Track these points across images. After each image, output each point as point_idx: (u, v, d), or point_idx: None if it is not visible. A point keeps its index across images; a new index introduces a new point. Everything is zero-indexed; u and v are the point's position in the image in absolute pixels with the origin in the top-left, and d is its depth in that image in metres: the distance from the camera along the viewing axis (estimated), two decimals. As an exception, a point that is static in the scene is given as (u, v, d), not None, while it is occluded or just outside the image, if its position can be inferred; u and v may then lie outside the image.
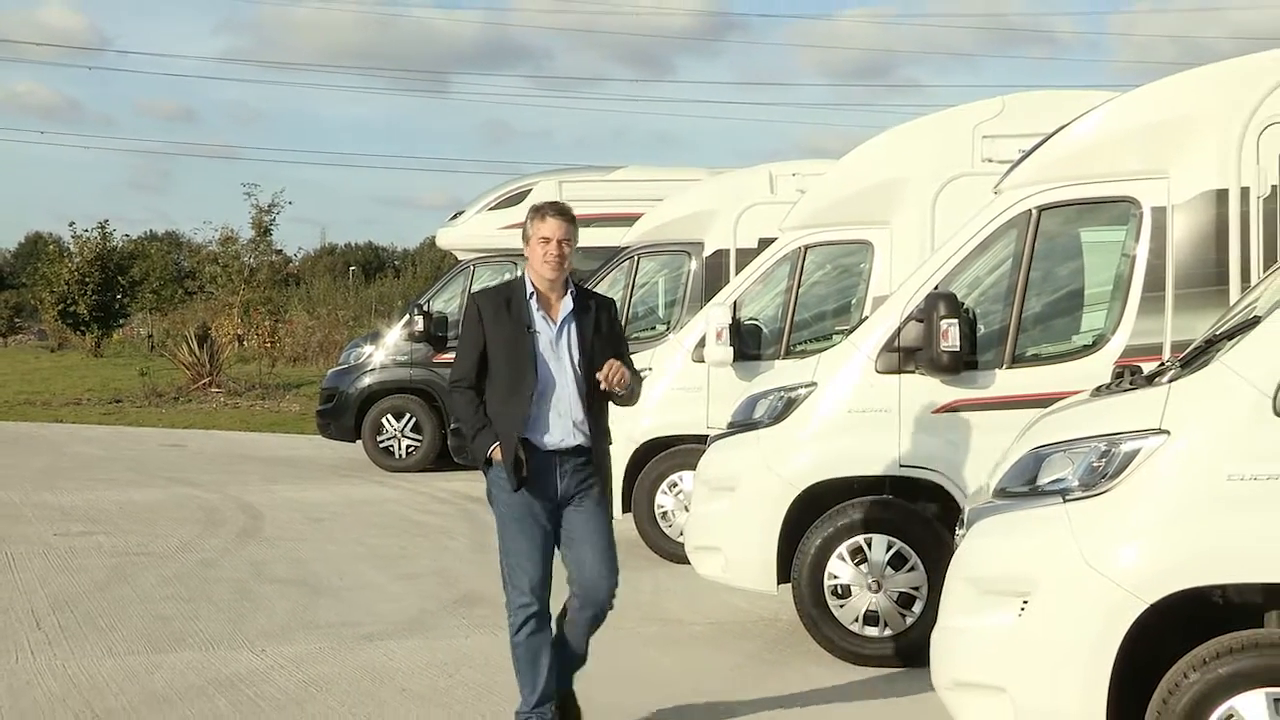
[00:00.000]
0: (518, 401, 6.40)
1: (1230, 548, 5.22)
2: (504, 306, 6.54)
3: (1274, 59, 8.30)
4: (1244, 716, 5.14)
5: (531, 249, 6.58)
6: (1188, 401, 5.36)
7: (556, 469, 6.46)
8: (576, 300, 6.60)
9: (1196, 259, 8.21)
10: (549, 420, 6.45)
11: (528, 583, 6.41)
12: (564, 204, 6.74)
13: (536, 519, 6.46)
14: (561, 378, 6.47)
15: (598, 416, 6.57)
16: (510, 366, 6.45)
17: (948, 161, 10.38)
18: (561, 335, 6.51)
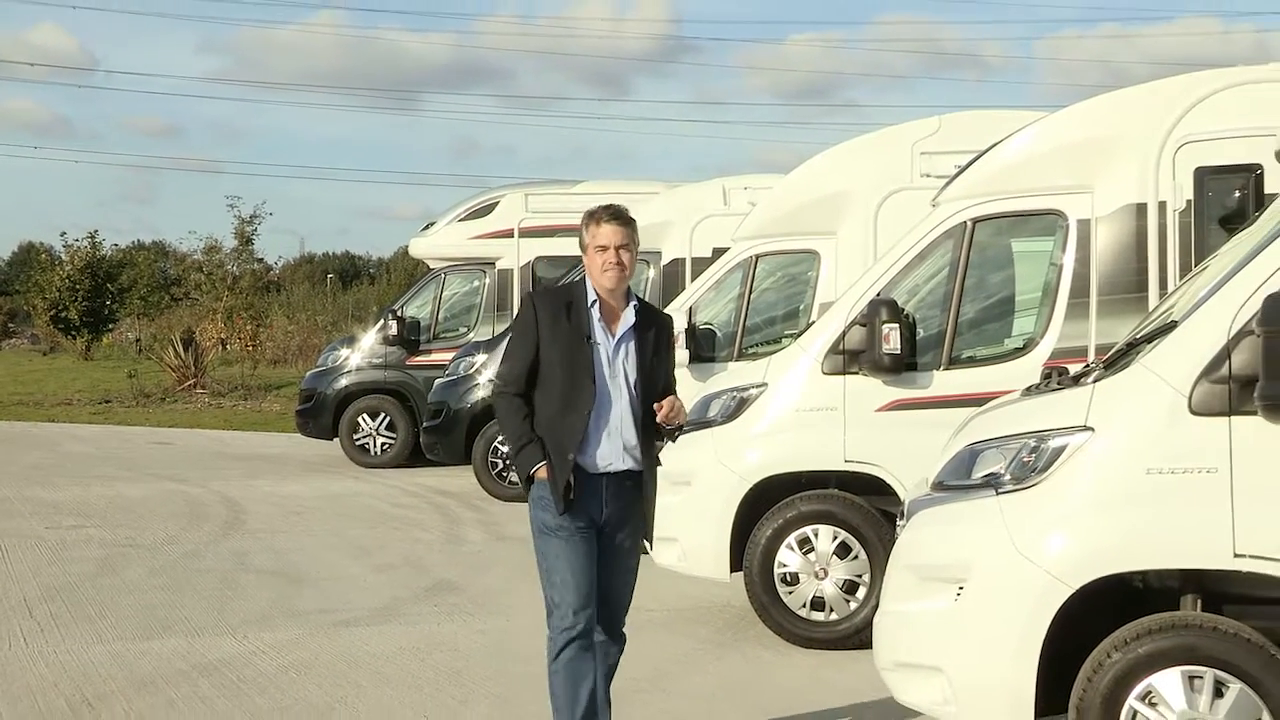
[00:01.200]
0: (573, 418, 5.61)
1: (1149, 536, 5.26)
2: (564, 311, 5.69)
3: (1188, 83, 8.39)
4: (1161, 692, 5.20)
5: (589, 258, 5.75)
6: (1110, 400, 5.40)
7: (603, 492, 5.68)
8: (639, 314, 5.78)
9: (1118, 268, 8.28)
10: (600, 441, 5.65)
11: (572, 603, 5.63)
12: (621, 207, 5.81)
13: (581, 540, 5.67)
14: (617, 396, 5.66)
15: (649, 441, 5.78)
16: (567, 378, 5.62)
17: (889, 176, 10.42)
18: (619, 351, 5.70)
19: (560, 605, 5.67)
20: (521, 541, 12.20)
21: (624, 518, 5.76)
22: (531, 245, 17.92)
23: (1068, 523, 5.34)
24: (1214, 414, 5.16)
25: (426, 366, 17.84)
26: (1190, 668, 5.18)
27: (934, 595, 5.59)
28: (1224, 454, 5.14)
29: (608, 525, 5.73)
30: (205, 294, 37.16)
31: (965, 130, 10.13)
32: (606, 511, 5.70)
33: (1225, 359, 5.16)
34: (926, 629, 5.61)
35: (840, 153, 11.23)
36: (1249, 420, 5.10)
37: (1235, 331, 5.15)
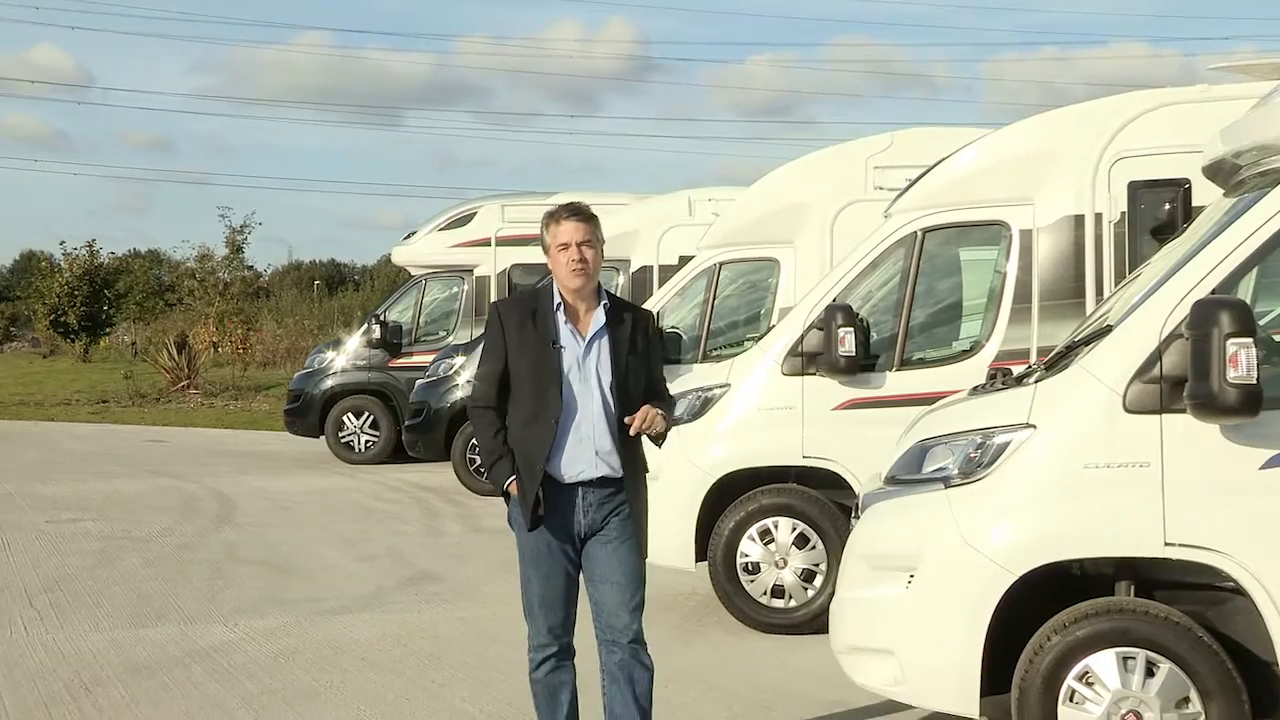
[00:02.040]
0: (541, 425, 5.11)
1: (1086, 527, 5.31)
2: (529, 318, 5.21)
3: (1122, 103, 8.45)
4: (1097, 672, 5.24)
5: (553, 259, 5.25)
6: (1051, 399, 5.43)
7: (579, 502, 5.17)
8: (610, 313, 5.24)
9: (1058, 275, 8.32)
10: (570, 449, 5.14)
11: (545, 624, 5.27)
12: (580, 204, 5.34)
13: (557, 557, 5.22)
14: (587, 401, 5.14)
15: (630, 445, 5.21)
16: (533, 387, 5.15)
17: (844, 189, 10.45)
18: (590, 352, 5.18)
19: (534, 624, 5.32)
20: (498, 534, 12.20)
21: (609, 523, 5.21)
22: (508, 253, 17.93)
23: (1011, 515, 5.37)
24: (1146, 412, 5.20)
25: (408, 368, 17.81)
26: (1124, 649, 5.23)
27: (886, 583, 5.62)
28: (1155, 449, 5.18)
29: (590, 537, 5.22)
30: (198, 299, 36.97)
31: (915, 146, 10.16)
32: (584, 522, 5.19)
33: (1157, 360, 5.20)
34: (879, 614, 5.64)
35: (798, 167, 11.26)
36: (1179, 418, 5.14)
37: (1166, 335, 5.19)
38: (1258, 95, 6.38)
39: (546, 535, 5.18)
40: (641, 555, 5.26)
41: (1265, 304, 5.97)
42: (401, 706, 6.87)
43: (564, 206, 5.33)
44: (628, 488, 5.23)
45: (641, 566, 5.26)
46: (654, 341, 5.38)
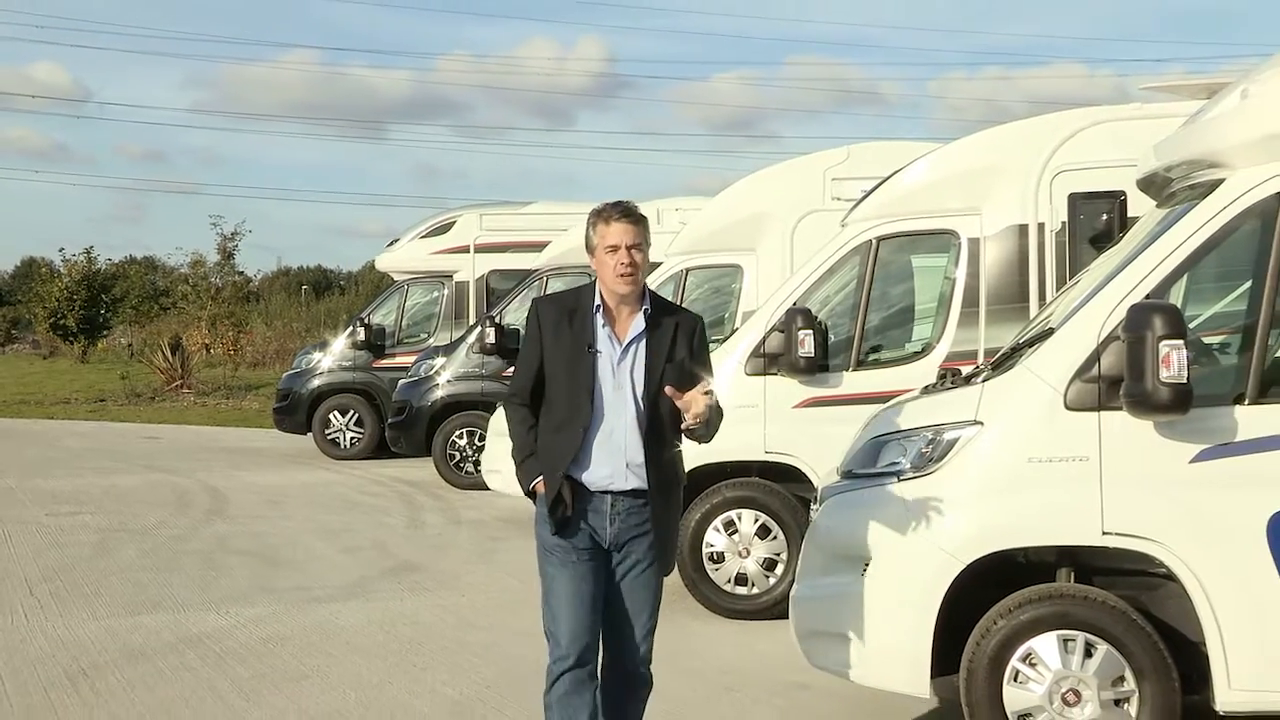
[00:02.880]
0: (569, 433, 4.66)
1: (1029, 518, 5.32)
2: (567, 318, 4.74)
3: (1061, 120, 8.51)
4: (1039, 654, 5.27)
5: (599, 260, 4.73)
6: (997, 398, 5.45)
7: (608, 511, 4.70)
8: (650, 317, 4.73)
9: (1003, 281, 8.37)
10: (600, 459, 4.68)
11: (566, 633, 4.69)
12: (631, 203, 4.79)
13: (583, 561, 4.73)
14: (620, 409, 4.66)
15: (661, 457, 4.70)
16: (566, 390, 4.69)
17: (803, 199, 10.46)
18: (626, 358, 4.69)
19: (554, 635, 4.75)
20: (477, 526, 12.24)
21: (634, 541, 4.73)
22: (486, 260, 17.92)
23: (960, 506, 5.38)
24: (1086, 409, 5.23)
25: (391, 369, 17.75)
26: (1064, 632, 5.26)
27: (843, 571, 5.62)
28: (1094, 444, 5.21)
29: (616, 549, 4.75)
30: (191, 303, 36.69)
31: (870, 159, 10.19)
32: (612, 532, 4.71)
33: (1095, 361, 5.22)
34: (836, 601, 5.63)
35: (760, 178, 11.27)
36: (1116, 415, 5.17)
37: (1104, 337, 5.22)
38: (1187, 113, 6.43)
39: (571, 540, 4.72)
40: (666, 573, 4.85)
41: (1195, 308, 6.01)
42: (385, 689, 6.85)
43: (613, 206, 4.78)
44: (655, 502, 4.71)
45: (661, 590, 4.84)
46: (698, 348, 4.76)
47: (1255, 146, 5.28)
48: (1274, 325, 5.35)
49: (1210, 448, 5.13)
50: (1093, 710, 5.22)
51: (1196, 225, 5.30)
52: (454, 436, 15.22)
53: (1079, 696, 5.23)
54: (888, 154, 9.92)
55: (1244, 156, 5.32)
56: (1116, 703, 5.22)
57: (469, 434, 15.08)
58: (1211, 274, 5.82)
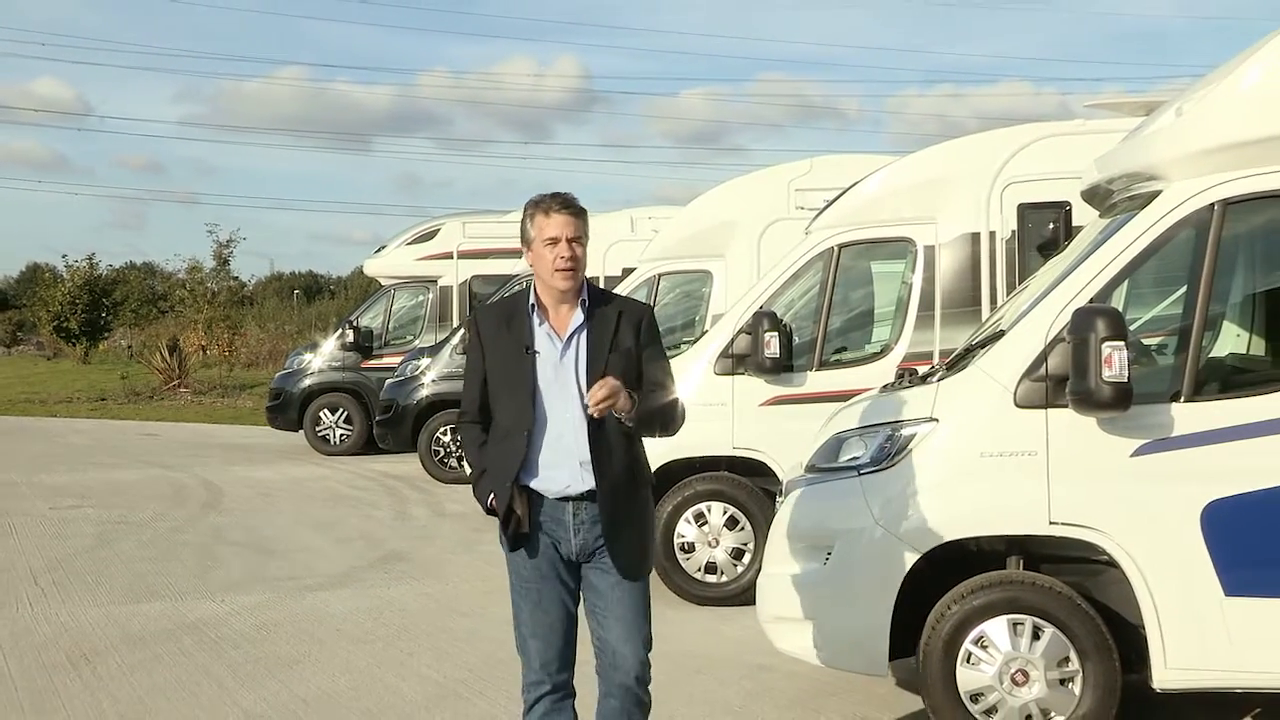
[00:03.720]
0: (514, 441, 4.20)
1: (981, 509, 5.34)
2: (504, 324, 4.30)
3: (1010, 135, 8.56)
4: (991, 637, 5.30)
5: (537, 255, 4.25)
6: (951, 396, 5.47)
7: (569, 520, 4.22)
8: (589, 309, 4.28)
9: (957, 286, 8.40)
10: (551, 463, 4.20)
11: (538, 658, 4.26)
12: (570, 195, 4.30)
13: (548, 580, 4.26)
14: (565, 408, 4.19)
15: (609, 456, 4.18)
16: (508, 397, 4.24)
17: (769, 208, 10.48)
18: (568, 354, 4.23)
19: (526, 658, 4.31)
20: (460, 518, 12.21)
21: (603, 548, 4.23)
22: (468, 265, 17.91)
23: (916, 498, 5.40)
24: (1034, 407, 5.25)
25: (378, 369, 17.71)
26: (1014, 616, 5.29)
27: (807, 560, 5.64)
28: (1042, 440, 5.23)
29: (585, 560, 4.26)
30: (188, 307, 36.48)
31: (832, 170, 10.21)
32: (576, 542, 4.22)
33: (1043, 361, 5.25)
34: (800, 588, 5.64)
35: (728, 188, 11.29)
36: (1062, 412, 5.20)
37: (1051, 339, 5.25)
38: (1127, 129, 6.49)
39: (535, 557, 4.25)
40: (635, 579, 4.28)
41: (1135, 311, 6.07)
42: (373, 673, 6.84)
43: (552, 196, 4.28)
44: (607, 504, 4.18)
45: (647, 595, 4.33)
46: (646, 336, 4.32)
47: (1189, 161, 5.32)
48: (1207, 328, 5.41)
49: (1149, 442, 5.16)
50: (1040, 689, 5.25)
51: (1136, 234, 5.34)
52: (438, 433, 15.19)
53: (1027, 676, 5.26)
54: (848, 166, 9.95)
55: (1179, 170, 5.36)
56: (1062, 682, 5.25)
57: (453, 431, 15.02)
58: (1150, 280, 5.87)
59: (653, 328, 4.36)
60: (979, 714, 5.30)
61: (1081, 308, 5.12)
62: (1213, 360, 5.69)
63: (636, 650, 4.26)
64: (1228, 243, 5.36)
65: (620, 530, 4.23)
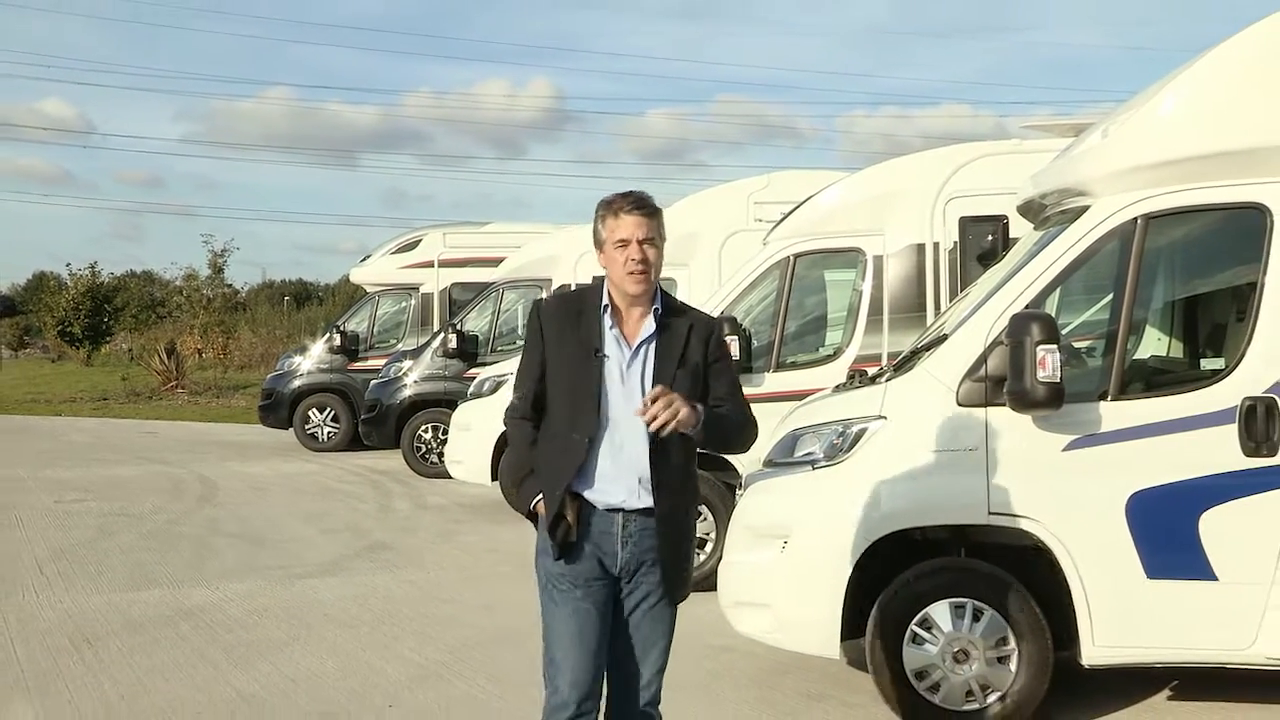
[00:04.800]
0: (572, 446, 3.68)
1: (925, 501, 5.37)
2: (572, 320, 3.77)
3: (952, 153, 8.63)
4: (934, 619, 5.33)
5: (608, 257, 3.77)
6: (899, 396, 5.48)
7: (619, 533, 3.72)
8: (660, 318, 3.78)
9: (904, 293, 8.45)
10: (607, 474, 3.69)
11: (567, 677, 3.69)
12: (644, 193, 3.81)
13: (587, 597, 3.73)
14: (629, 419, 3.65)
15: (668, 474, 3.69)
16: (569, 399, 3.72)
17: (730, 220, 10.52)
18: (635, 363, 3.72)
19: (553, 679, 3.75)
20: (440, 510, 12.18)
21: (647, 568, 3.76)
22: (448, 274, 17.85)
23: (866, 491, 5.40)
24: (975, 405, 5.28)
25: (364, 370, 17.62)
26: (956, 599, 5.32)
27: (765, 548, 5.63)
28: (981, 436, 5.25)
29: (627, 576, 3.77)
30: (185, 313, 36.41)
31: (788, 185, 10.25)
32: (624, 556, 3.73)
33: (983, 363, 5.27)
34: (758, 575, 5.64)
35: (692, 202, 11.29)
36: (1000, 410, 5.22)
37: (990, 342, 5.28)
38: (1058, 149, 6.54)
39: (575, 567, 3.74)
40: (676, 602, 3.89)
41: (1067, 317, 6.10)
42: (359, 656, 6.80)
43: (624, 196, 3.79)
44: (661, 524, 3.71)
45: (673, 624, 3.91)
46: (715, 351, 3.83)
47: (1115, 178, 5.37)
48: (1132, 332, 5.46)
49: (1079, 438, 5.20)
50: (979, 667, 5.28)
51: (1067, 245, 5.38)
52: (420, 431, 15.15)
53: (968, 655, 5.29)
54: (803, 181, 9.99)
55: (1105, 187, 5.41)
56: (1000, 660, 5.29)
57: (434, 429, 15.01)
58: (1080, 287, 5.91)
59: (722, 342, 3.89)
60: (923, 690, 5.33)
61: (1018, 313, 5.15)
62: (1136, 362, 5.75)
63: (655, 676, 3.83)
64: (1149, 254, 5.41)
65: (674, 552, 3.76)
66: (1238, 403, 5.11)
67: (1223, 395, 5.14)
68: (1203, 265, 5.94)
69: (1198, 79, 5.28)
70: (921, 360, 5.55)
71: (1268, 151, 5.15)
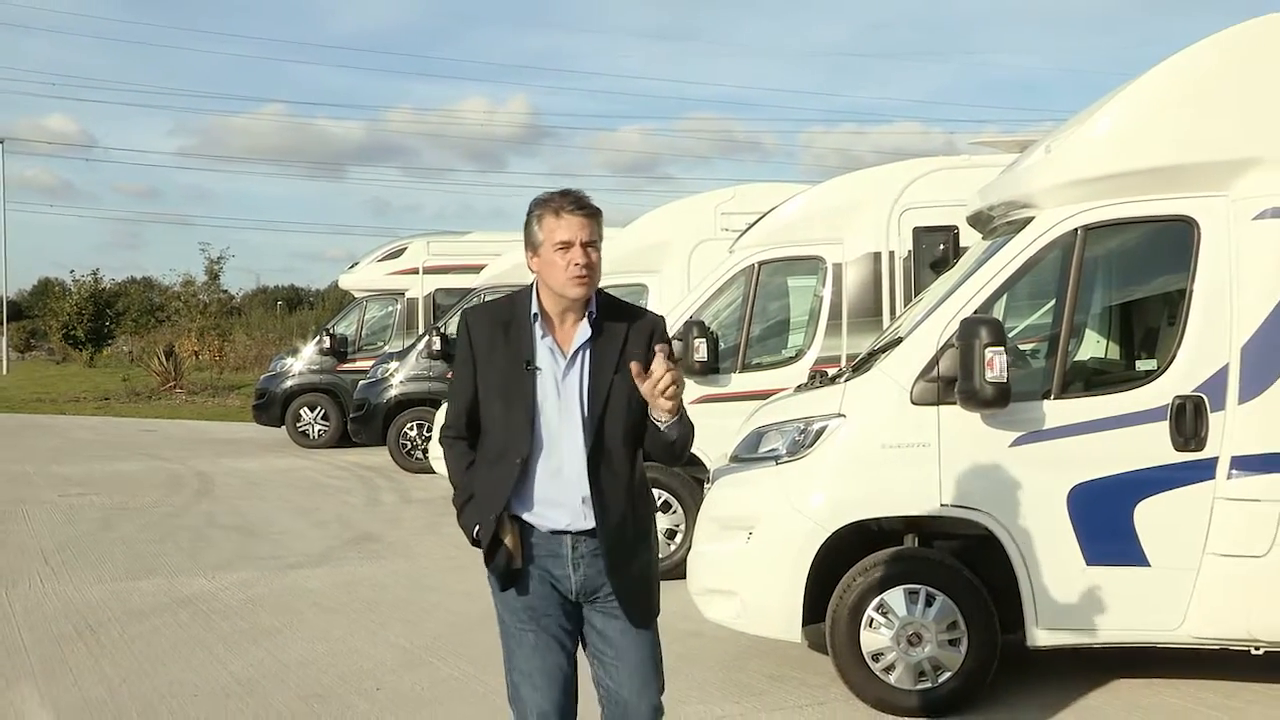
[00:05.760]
0: (506, 467, 3.23)
1: (881, 493, 5.38)
2: (501, 331, 3.29)
3: (907, 167, 8.68)
4: (890, 604, 5.34)
5: (544, 260, 3.26)
6: (857, 395, 5.49)
7: (568, 555, 3.25)
8: (596, 323, 3.28)
9: (861, 298, 8.48)
10: (547, 496, 3.23)
11: (534, 710, 3.27)
12: (582, 193, 3.29)
13: (543, 623, 3.28)
14: (569, 434, 3.21)
15: (611, 488, 3.23)
16: (503, 416, 3.25)
17: (698, 230, 10.51)
18: (572, 372, 3.24)
19: (519, 712, 3.33)
20: (425, 503, 12.13)
21: (607, 589, 3.27)
22: (432, 280, 17.80)
23: (826, 484, 5.42)
24: (928, 404, 5.29)
25: (352, 371, 17.54)
26: (910, 586, 5.33)
27: (731, 539, 5.62)
28: (934, 433, 5.27)
29: (588, 596, 3.29)
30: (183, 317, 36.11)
31: (753, 197, 10.26)
32: (576, 579, 3.25)
33: (935, 365, 5.29)
34: (725, 564, 5.64)
35: (662, 212, 11.30)
36: (951, 408, 5.25)
37: (942, 345, 5.29)
38: (1005, 164, 6.57)
39: (528, 594, 3.27)
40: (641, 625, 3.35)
41: (1013, 321, 6.14)
42: (347, 641, 6.77)
43: (563, 195, 3.27)
44: (608, 543, 3.23)
45: (658, 639, 3.44)
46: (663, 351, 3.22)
47: (1057, 191, 5.41)
48: (1073, 336, 5.51)
49: (1025, 434, 5.23)
50: (932, 649, 5.30)
51: (1013, 254, 5.41)
52: (405, 428, 15.09)
53: (921, 638, 5.31)
54: (767, 193, 10.02)
55: (1049, 199, 5.44)
56: (950, 642, 5.31)
57: (418, 426, 14.96)
58: (1025, 293, 5.95)
59: (665, 338, 3.34)
60: (879, 671, 5.34)
61: (967, 318, 5.18)
62: (1077, 363, 5.79)
63: (652, 702, 3.34)
64: (1089, 263, 5.46)
65: (626, 575, 3.26)
66: (1169, 401, 5.15)
67: (1155, 394, 5.19)
68: (1137, 273, 5.99)
69: (1131, 101, 5.33)
70: (878, 362, 5.56)
71: (1195, 168, 5.20)
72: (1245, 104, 5.17)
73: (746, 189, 10.72)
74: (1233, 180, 5.18)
